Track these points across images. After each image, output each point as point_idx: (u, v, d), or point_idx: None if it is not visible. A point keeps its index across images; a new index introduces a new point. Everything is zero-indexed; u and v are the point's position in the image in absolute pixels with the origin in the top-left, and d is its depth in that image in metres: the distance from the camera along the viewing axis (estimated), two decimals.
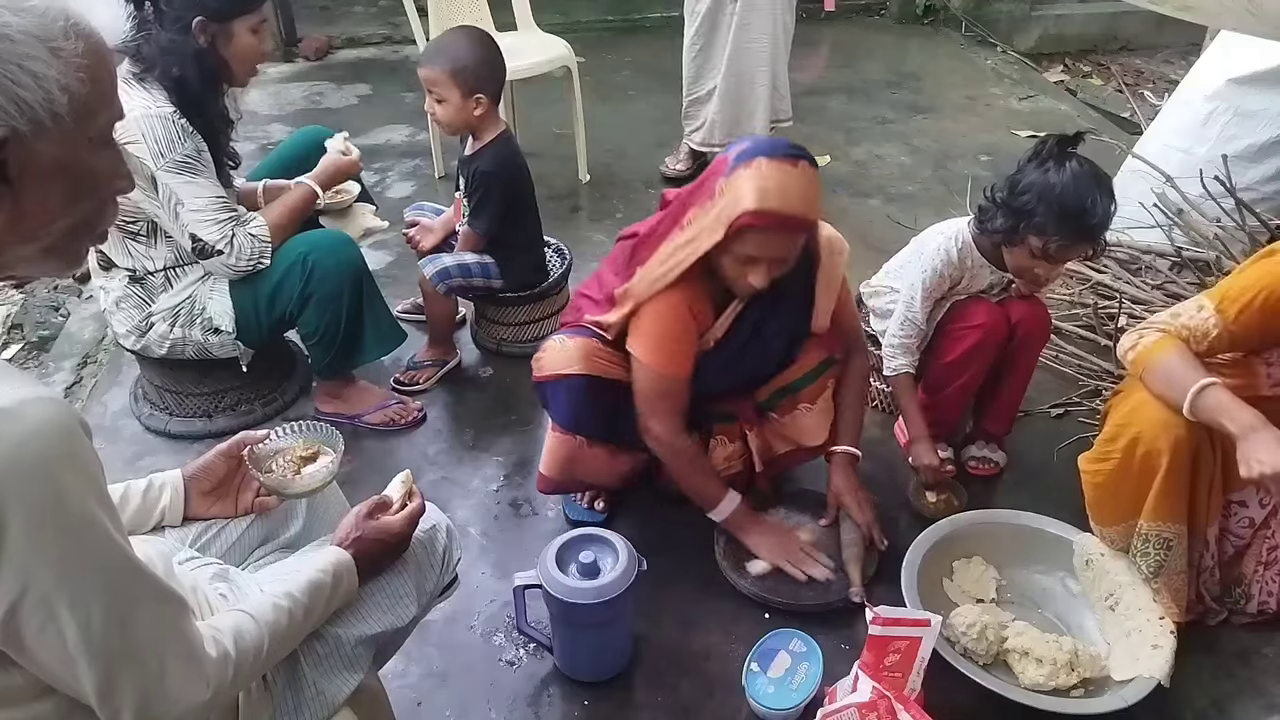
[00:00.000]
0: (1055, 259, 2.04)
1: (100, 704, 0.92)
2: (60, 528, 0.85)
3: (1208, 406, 1.60)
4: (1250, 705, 1.84)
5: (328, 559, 1.25)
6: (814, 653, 1.79)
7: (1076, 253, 2.08)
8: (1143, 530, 1.81)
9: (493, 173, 2.54)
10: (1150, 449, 1.72)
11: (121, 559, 0.92)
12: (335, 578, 1.23)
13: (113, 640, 0.90)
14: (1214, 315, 1.70)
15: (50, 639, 0.87)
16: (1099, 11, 5.77)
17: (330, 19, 5.58)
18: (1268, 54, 2.87)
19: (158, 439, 2.49)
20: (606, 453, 2.05)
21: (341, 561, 1.25)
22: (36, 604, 0.85)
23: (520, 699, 1.83)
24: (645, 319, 1.89)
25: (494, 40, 2.56)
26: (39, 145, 0.88)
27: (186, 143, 2.08)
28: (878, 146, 4.22)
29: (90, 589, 0.88)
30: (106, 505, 0.90)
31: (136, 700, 0.93)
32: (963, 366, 2.20)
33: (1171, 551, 1.80)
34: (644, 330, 1.89)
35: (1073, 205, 1.95)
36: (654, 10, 5.55)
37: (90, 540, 0.88)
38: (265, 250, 2.22)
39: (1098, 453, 1.86)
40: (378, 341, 2.44)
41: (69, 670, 0.90)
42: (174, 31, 2.04)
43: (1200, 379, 1.61)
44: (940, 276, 2.20)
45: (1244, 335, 1.70)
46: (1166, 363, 1.68)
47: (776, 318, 1.96)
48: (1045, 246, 2.00)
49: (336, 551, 1.27)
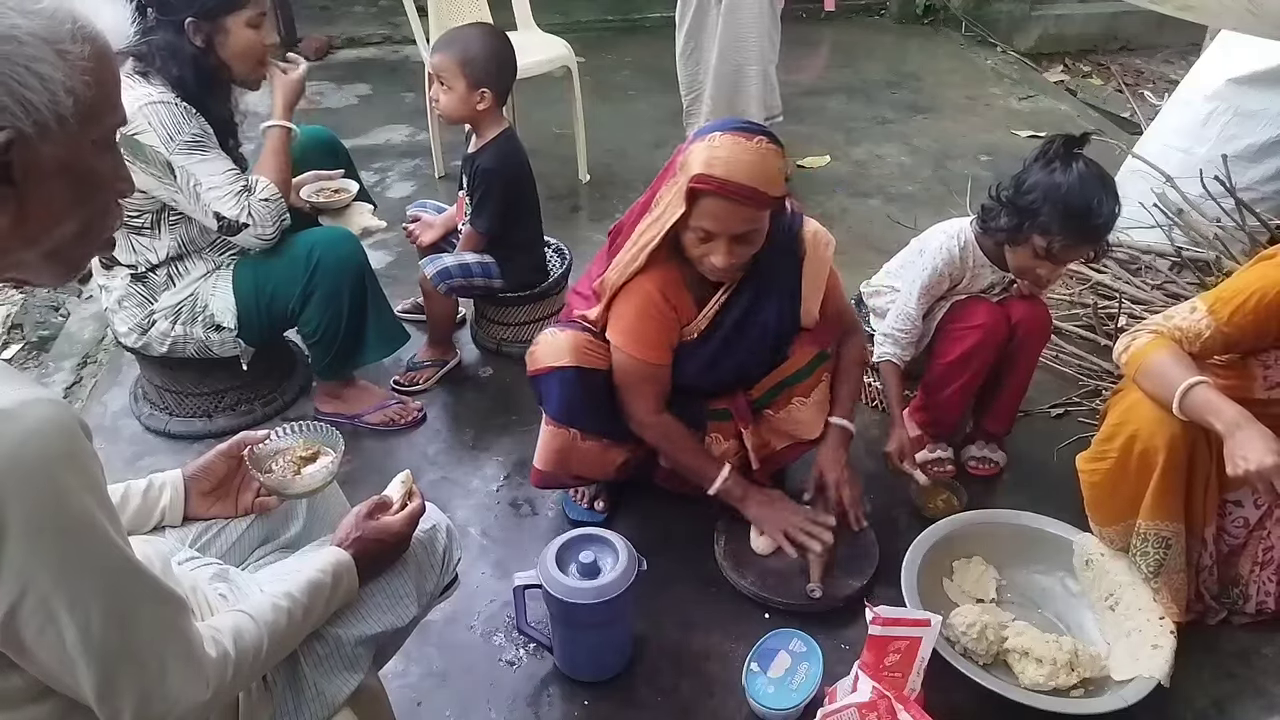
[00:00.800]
0: (1059, 259, 2.04)
1: (99, 705, 0.92)
2: (60, 529, 0.85)
3: (1195, 404, 1.61)
4: (1250, 705, 1.84)
5: (327, 559, 1.25)
6: (814, 653, 1.79)
7: (1080, 253, 2.09)
8: (1141, 529, 1.81)
9: (494, 170, 2.54)
10: (1147, 447, 1.72)
11: (121, 560, 0.92)
12: (335, 578, 1.24)
13: (112, 641, 0.90)
14: (1207, 316, 1.70)
15: (50, 640, 0.87)
16: (1099, 11, 5.77)
17: (330, 19, 5.58)
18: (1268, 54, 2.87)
19: (158, 439, 2.49)
20: (599, 446, 2.05)
21: (341, 562, 1.25)
22: (36, 605, 0.85)
23: (520, 699, 1.83)
24: (619, 306, 1.93)
25: (509, 42, 2.57)
26: (44, 148, 0.88)
27: (192, 123, 2.08)
28: (878, 146, 4.22)
29: (90, 590, 0.88)
30: (106, 506, 0.90)
31: (136, 701, 0.93)
32: (963, 366, 2.20)
33: (1170, 550, 1.80)
34: (618, 316, 1.93)
35: (1078, 205, 1.96)
36: (654, 10, 5.55)
37: (90, 541, 0.88)
38: (281, 208, 2.22)
39: (1095, 452, 1.87)
40: (380, 340, 2.43)
41: (68, 671, 0.89)
42: (170, 34, 2.04)
43: (1189, 378, 1.62)
44: (940, 275, 2.20)
45: (1238, 336, 1.71)
46: (1158, 363, 1.68)
47: (761, 312, 1.97)
48: (1049, 246, 2.01)
49: (336, 551, 1.27)
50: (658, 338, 1.94)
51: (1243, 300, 1.67)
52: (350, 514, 1.34)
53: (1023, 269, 2.11)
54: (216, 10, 2.07)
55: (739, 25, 3.47)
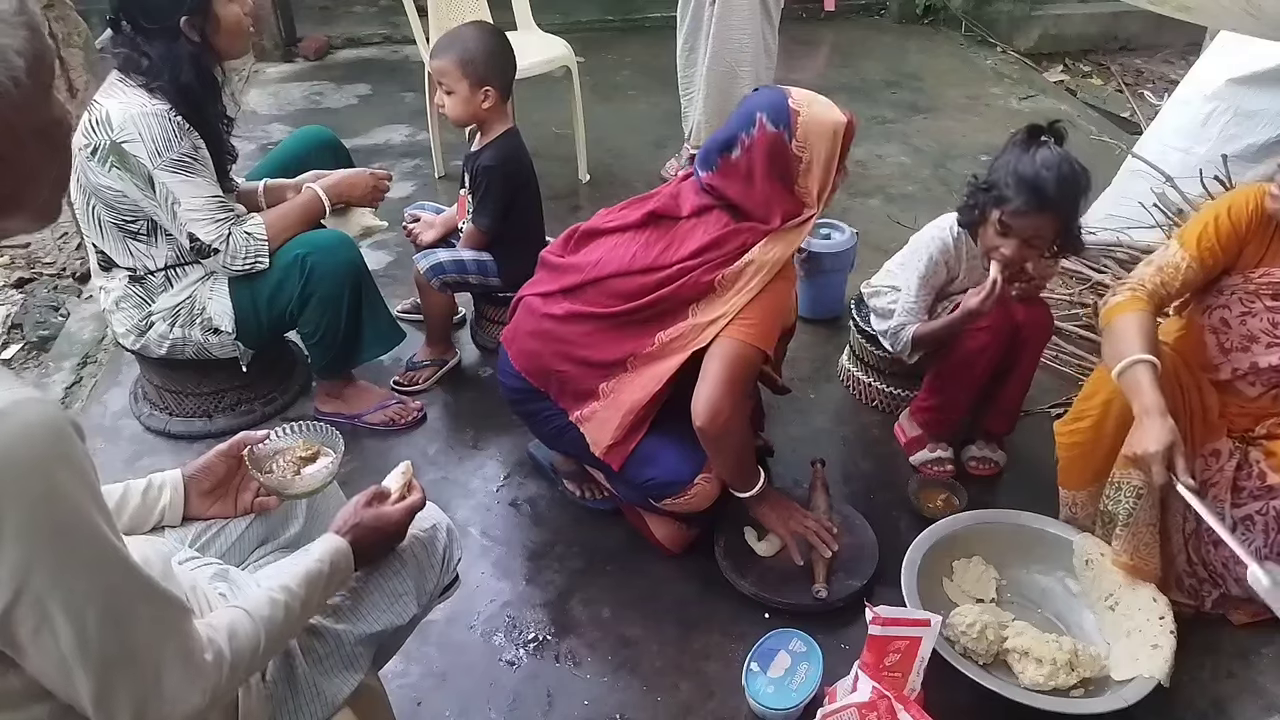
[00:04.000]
0: (1015, 232, 2.03)
1: (95, 710, 0.91)
2: (55, 529, 0.85)
3: (1125, 383, 1.72)
4: (1250, 705, 1.84)
5: (324, 547, 1.24)
6: (814, 653, 1.79)
7: (1034, 226, 2.02)
8: (1115, 478, 1.84)
9: (495, 167, 2.53)
10: (1124, 405, 1.76)
11: (117, 560, 0.91)
12: (332, 565, 1.23)
13: (109, 644, 0.90)
14: (1180, 250, 1.86)
15: (45, 641, 0.87)
16: (1099, 11, 5.77)
17: (330, 19, 5.58)
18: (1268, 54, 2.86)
19: (158, 439, 2.49)
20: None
21: (339, 549, 1.25)
22: (31, 605, 0.85)
23: (520, 699, 1.83)
24: (765, 304, 1.86)
25: (505, 36, 2.57)
26: (8, 114, 0.87)
27: (183, 140, 2.08)
28: (878, 146, 4.22)
29: (85, 590, 0.88)
30: (101, 506, 0.90)
31: (132, 706, 0.92)
32: (968, 367, 2.21)
33: (1141, 501, 1.82)
34: (769, 311, 1.87)
35: (1029, 172, 2.00)
36: (654, 10, 5.55)
37: (85, 540, 0.88)
38: (262, 250, 2.21)
39: (1074, 413, 1.92)
40: (376, 340, 2.44)
41: (64, 676, 0.89)
42: (165, 41, 2.04)
43: (1134, 353, 1.71)
44: (936, 264, 2.22)
45: (1211, 260, 1.85)
46: (1120, 328, 1.78)
47: None
48: (1003, 217, 2.03)
49: (333, 538, 1.26)
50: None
51: (1203, 227, 1.85)
52: (349, 503, 1.33)
53: (988, 248, 2.12)
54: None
55: (731, 27, 3.47)
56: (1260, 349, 1.88)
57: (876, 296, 2.47)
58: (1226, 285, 1.89)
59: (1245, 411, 1.94)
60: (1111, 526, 1.88)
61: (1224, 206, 1.86)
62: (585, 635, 1.96)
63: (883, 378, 2.58)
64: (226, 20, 2.10)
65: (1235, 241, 1.84)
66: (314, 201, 2.35)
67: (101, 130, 2.03)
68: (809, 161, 1.83)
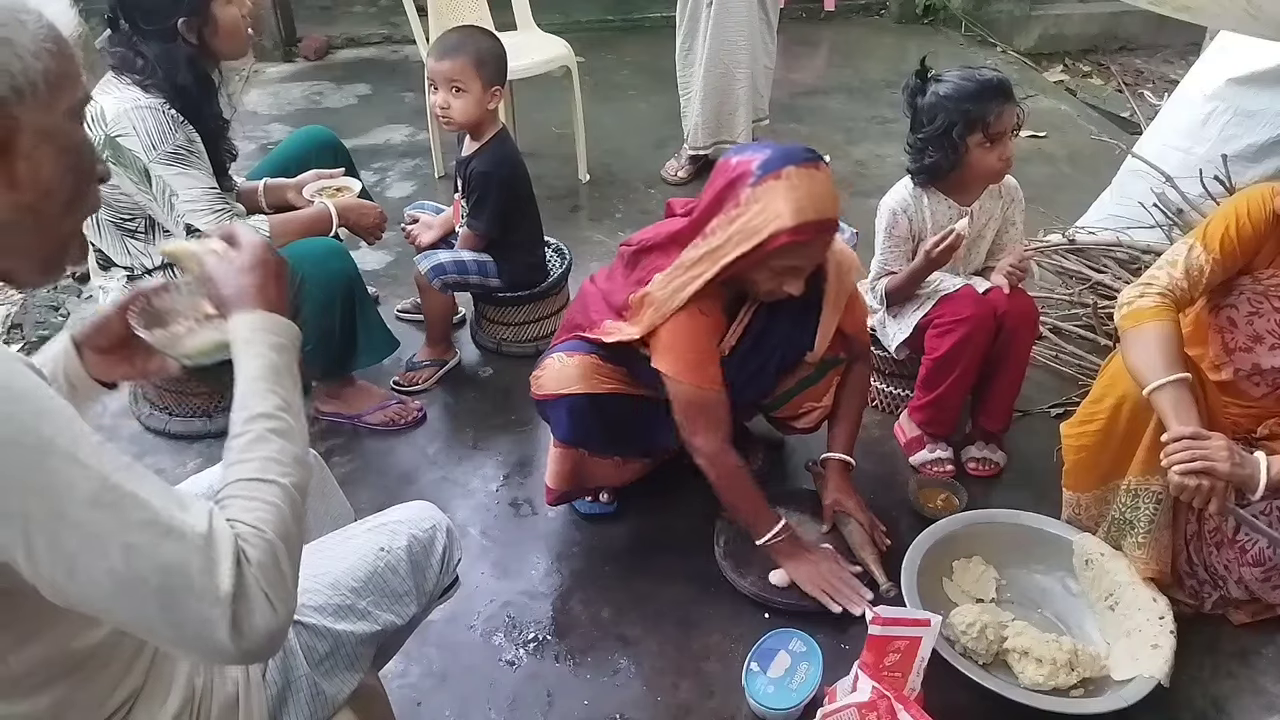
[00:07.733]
0: (999, 132, 2.14)
1: (176, 644, 0.87)
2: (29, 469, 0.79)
3: (1160, 405, 1.70)
4: (1250, 705, 1.84)
5: (246, 334, 1.15)
6: (814, 653, 1.79)
7: (1009, 115, 2.15)
8: (1132, 486, 1.84)
9: (490, 173, 2.54)
10: (1137, 405, 1.76)
11: (101, 482, 0.83)
12: (269, 345, 1.13)
13: (143, 568, 0.82)
14: (1202, 251, 1.84)
15: (84, 583, 0.82)
16: (1099, 11, 5.77)
17: (330, 19, 5.59)
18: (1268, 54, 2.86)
19: (158, 439, 2.49)
20: (612, 463, 2.06)
21: (254, 323, 1.15)
22: (48, 550, 0.80)
23: (520, 699, 1.83)
24: (670, 336, 1.84)
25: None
26: (22, 114, 0.88)
27: (178, 133, 2.08)
28: (878, 146, 4.22)
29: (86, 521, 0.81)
30: (75, 434, 0.83)
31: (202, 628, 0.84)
32: (954, 361, 2.21)
33: (1161, 505, 1.82)
34: (669, 347, 1.85)
35: (970, 84, 2.13)
36: (654, 10, 5.55)
37: (58, 469, 0.81)
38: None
39: (1083, 415, 1.90)
40: (370, 349, 2.44)
41: (126, 608, 0.83)
42: (162, 42, 2.04)
43: (1166, 376, 1.69)
44: (896, 215, 2.29)
45: (1232, 262, 1.84)
46: (1148, 341, 1.76)
47: (777, 332, 1.96)
48: (985, 131, 2.12)
49: (240, 319, 1.16)
50: (712, 362, 1.89)
51: (1225, 228, 1.83)
52: (213, 266, 1.15)
53: (986, 170, 2.20)
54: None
55: (728, 29, 3.48)
56: (1264, 350, 1.88)
57: (869, 295, 2.48)
58: (1236, 285, 1.89)
59: (1248, 412, 1.94)
60: (1126, 534, 1.87)
61: (1242, 207, 1.83)
62: (585, 635, 1.96)
63: (882, 378, 2.58)
64: (225, 22, 2.10)
65: (1255, 242, 1.83)
66: (323, 218, 2.34)
67: (96, 126, 2.03)
68: (733, 228, 1.75)
